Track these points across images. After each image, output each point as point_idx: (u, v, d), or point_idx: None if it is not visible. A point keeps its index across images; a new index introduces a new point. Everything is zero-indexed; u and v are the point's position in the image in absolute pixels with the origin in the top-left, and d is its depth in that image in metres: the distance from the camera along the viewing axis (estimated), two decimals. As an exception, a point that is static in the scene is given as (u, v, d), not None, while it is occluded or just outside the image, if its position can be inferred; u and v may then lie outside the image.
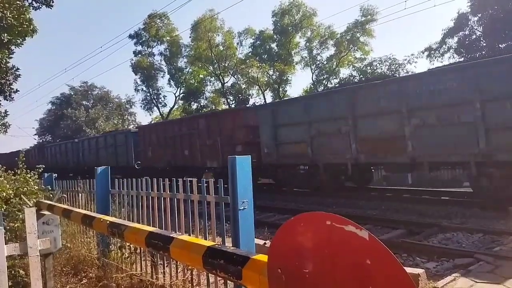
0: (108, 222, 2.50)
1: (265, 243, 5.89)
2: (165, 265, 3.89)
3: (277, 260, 1.20)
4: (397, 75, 26.52)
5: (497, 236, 6.42)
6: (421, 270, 4.27)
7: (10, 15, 9.47)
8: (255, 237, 3.65)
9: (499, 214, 7.96)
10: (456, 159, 8.96)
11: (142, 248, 3.96)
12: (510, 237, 6.10)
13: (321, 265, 1.05)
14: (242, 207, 2.86)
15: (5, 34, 9.58)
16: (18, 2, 10.09)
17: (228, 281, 3.03)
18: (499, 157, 8.06)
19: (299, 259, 1.10)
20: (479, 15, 22.30)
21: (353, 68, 30.98)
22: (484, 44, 22.35)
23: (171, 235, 1.91)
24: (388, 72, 27.36)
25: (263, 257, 1.36)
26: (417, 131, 9.32)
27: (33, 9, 11.72)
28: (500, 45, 21.06)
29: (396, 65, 27.60)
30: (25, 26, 10.24)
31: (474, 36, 23.19)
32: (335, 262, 1.01)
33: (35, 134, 50.24)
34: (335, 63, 31.44)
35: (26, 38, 10.93)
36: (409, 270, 4.19)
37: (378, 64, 28.60)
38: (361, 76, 29.00)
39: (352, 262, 0.97)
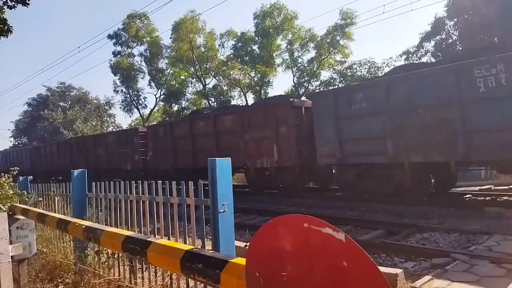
0: (83, 226, 2.44)
1: (246, 245, 5.88)
2: (144, 269, 3.83)
3: (255, 264, 1.19)
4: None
5: (473, 235, 6.58)
6: (399, 270, 4.34)
7: None
8: (237, 239, 3.65)
9: (474, 214, 8.18)
10: None
11: (119, 253, 3.88)
12: (485, 237, 6.27)
13: (299, 267, 1.05)
14: (222, 210, 2.84)
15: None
16: (-9, 0, 9.78)
17: (207, 286, 3.00)
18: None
19: (277, 262, 1.10)
20: (455, 20, 22.93)
21: (334, 71, 31.32)
22: (460, 48, 22.97)
23: (148, 239, 1.87)
24: (367, 75, 27.77)
25: (242, 261, 1.35)
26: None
27: (7, 7, 11.38)
28: (474, 49, 21.68)
29: (375, 68, 28.06)
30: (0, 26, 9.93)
31: (450, 40, 23.83)
32: (312, 264, 1.01)
33: (11, 136, 48.86)
34: (316, 66, 31.70)
35: (0, 38, 10.61)
36: (387, 270, 4.25)
37: (357, 67, 29.00)
38: (342, 78, 29.36)
39: (329, 264, 0.97)
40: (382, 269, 4.17)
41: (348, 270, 0.93)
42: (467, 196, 10.64)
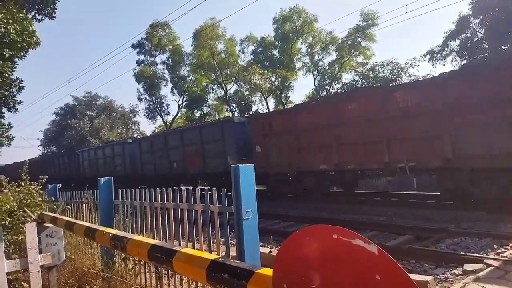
0: (110, 234, 2.46)
1: (270, 252, 5.84)
2: (170, 276, 3.84)
3: (283, 275, 1.16)
4: (400, 79, 26.48)
5: (506, 240, 6.32)
6: (430, 277, 4.20)
7: (13, 31, 9.53)
8: (260, 245, 3.62)
9: (506, 218, 7.86)
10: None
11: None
12: (519, 241, 6.01)
13: (328, 280, 1.01)
14: (247, 217, 2.82)
15: (7, 50, 9.64)
16: (21, 15, 10.18)
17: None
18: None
19: (305, 274, 1.07)
20: (481, 17, 22.24)
21: (355, 73, 30.95)
22: (486, 46, 22.27)
23: (174, 248, 1.87)
24: (390, 76, 27.28)
25: (268, 271, 1.32)
26: None
27: (36, 21, 11.82)
28: (502, 47, 20.99)
29: (399, 69, 27.51)
30: (28, 39, 10.31)
31: (476, 39, 23.11)
32: (342, 277, 0.97)
33: (40, 145, 50.49)
34: (337, 68, 31.45)
35: (29, 50, 11.01)
36: (417, 277, 4.12)
37: (380, 69, 28.49)
38: (364, 80, 28.95)
39: (360, 277, 0.93)
40: (412, 276, 4.05)
41: (381, 284, 0.88)
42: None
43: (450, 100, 9.04)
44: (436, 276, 4.86)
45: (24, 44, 9.95)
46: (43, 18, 12.31)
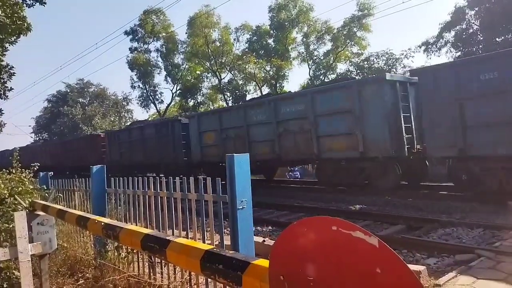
0: (103, 223, 2.43)
1: (264, 241, 5.84)
2: (163, 265, 3.83)
3: (279, 267, 1.13)
4: (394, 70, 26.48)
5: (498, 231, 6.39)
6: (422, 267, 4.23)
7: (3, 14, 9.31)
8: (254, 235, 3.61)
9: (499, 209, 7.94)
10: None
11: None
12: (510, 232, 6.07)
13: (327, 273, 0.99)
14: (241, 206, 2.80)
15: (-2, 33, 9.43)
16: (11, 0, 9.93)
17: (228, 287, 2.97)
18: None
19: (303, 266, 1.04)
20: (476, 9, 22.22)
21: (350, 63, 30.89)
22: (481, 38, 22.29)
23: (167, 238, 1.84)
24: (385, 67, 27.27)
25: (264, 262, 1.30)
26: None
27: (26, 6, 11.55)
28: (497, 39, 21.01)
29: (393, 60, 27.53)
30: (19, 24, 10.08)
31: (471, 30, 23.12)
32: (341, 270, 0.94)
33: (32, 132, 50.03)
34: (332, 58, 31.33)
35: (20, 36, 10.78)
36: (410, 267, 4.14)
37: (375, 59, 28.52)
38: (358, 71, 28.91)
39: (360, 270, 0.90)
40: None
41: (382, 277, 0.86)
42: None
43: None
44: (428, 265, 4.90)
45: (14, 27, 9.73)
46: (33, 3, 12.04)
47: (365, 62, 29.14)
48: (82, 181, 5.58)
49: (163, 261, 3.83)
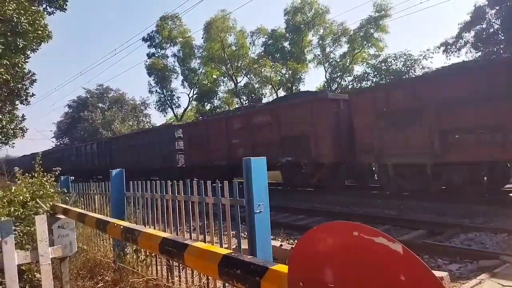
0: (122, 227, 2.44)
1: (281, 245, 5.80)
2: (181, 268, 3.84)
3: (299, 273, 1.11)
4: (413, 72, 26.06)
5: (523, 236, 6.18)
6: (445, 273, 4.12)
7: (25, 21, 9.59)
8: (272, 239, 3.59)
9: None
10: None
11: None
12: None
13: (348, 280, 0.96)
14: (258, 210, 2.78)
15: (21, 39, 9.71)
16: (33, 8, 10.22)
17: None
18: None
19: (323, 272, 1.01)
20: (497, 8, 21.71)
21: (367, 65, 30.57)
22: (502, 38, 21.75)
23: (185, 242, 1.83)
24: (403, 68, 26.86)
25: (283, 268, 1.28)
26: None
27: (47, 14, 11.87)
28: (519, 38, 20.48)
29: (412, 61, 27.07)
30: (40, 31, 10.37)
31: (491, 30, 22.59)
32: (363, 277, 0.92)
33: (53, 137, 51.18)
34: (348, 60, 31.09)
35: (41, 43, 11.08)
36: (431, 272, 4.04)
37: (392, 60, 28.07)
38: (376, 73, 28.57)
39: (383, 278, 0.87)
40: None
41: (406, 285, 0.83)
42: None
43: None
44: (450, 271, 4.78)
45: (35, 34, 10.01)
46: (54, 11, 12.37)
47: (383, 64, 28.76)
48: (101, 184, 5.66)
49: (181, 265, 3.84)
